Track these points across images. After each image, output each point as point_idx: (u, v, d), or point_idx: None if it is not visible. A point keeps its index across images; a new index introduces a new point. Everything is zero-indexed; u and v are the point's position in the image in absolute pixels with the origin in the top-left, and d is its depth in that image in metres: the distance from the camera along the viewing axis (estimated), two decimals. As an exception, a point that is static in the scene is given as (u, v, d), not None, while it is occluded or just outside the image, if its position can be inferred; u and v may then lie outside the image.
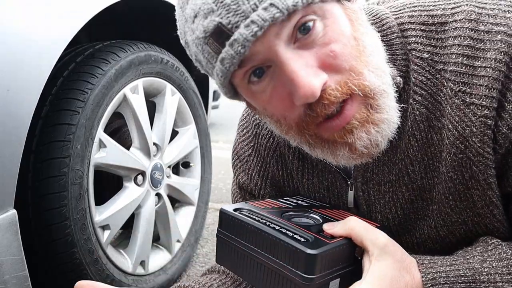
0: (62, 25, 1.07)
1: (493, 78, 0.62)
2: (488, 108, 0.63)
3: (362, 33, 0.63)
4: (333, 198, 0.81)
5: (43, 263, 1.12)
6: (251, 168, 0.89)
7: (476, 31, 0.64)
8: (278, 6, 0.54)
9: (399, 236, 0.78)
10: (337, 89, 0.60)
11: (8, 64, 0.92)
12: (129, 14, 1.58)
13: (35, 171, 1.08)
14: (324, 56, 0.59)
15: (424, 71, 0.69)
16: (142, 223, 1.40)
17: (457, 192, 0.69)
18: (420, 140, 0.70)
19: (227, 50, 0.58)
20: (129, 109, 1.34)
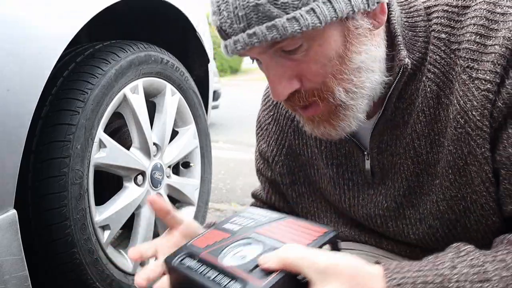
0: (62, 25, 1.07)
1: (499, 55, 0.65)
2: (491, 83, 0.66)
3: (352, 52, 0.67)
4: (350, 165, 0.87)
5: (43, 263, 1.12)
6: (269, 135, 0.96)
7: (493, 13, 0.68)
8: (259, 37, 0.63)
9: (403, 210, 0.81)
10: (304, 96, 0.69)
11: (8, 64, 0.92)
12: (129, 14, 1.58)
13: (35, 171, 1.08)
14: (301, 70, 0.67)
15: (440, 51, 0.72)
16: (142, 223, 1.40)
17: (456, 167, 0.72)
18: (429, 116, 0.74)
19: (224, 47, 0.68)
20: (129, 109, 1.35)
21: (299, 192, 0.96)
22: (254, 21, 0.62)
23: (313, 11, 0.61)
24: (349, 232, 0.93)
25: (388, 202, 0.82)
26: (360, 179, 0.86)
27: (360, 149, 0.83)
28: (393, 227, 0.84)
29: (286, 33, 0.61)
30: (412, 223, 0.81)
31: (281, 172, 0.96)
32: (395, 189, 0.81)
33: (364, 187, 0.86)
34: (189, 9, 1.62)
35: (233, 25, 0.64)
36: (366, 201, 0.86)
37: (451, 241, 0.78)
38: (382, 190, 0.84)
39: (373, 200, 0.85)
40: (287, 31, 0.61)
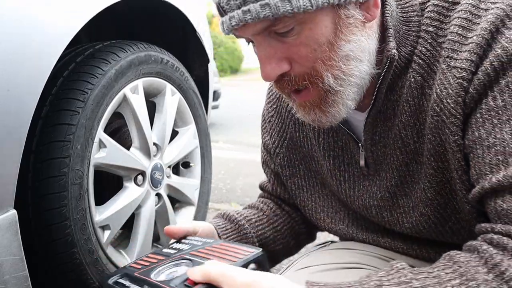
0: (62, 25, 1.07)
1: (476, 44, 0.67)
2: (466, 71, 0.67)
3: (342, 40, 0.70)
4: (347, 157, 0.89)
5: (43, 263, 1.12)
6: (272, 128, 1.00)
7: (477, 8, 0.70)
8: (252, 14, 0.66)
9: (397, 199, 0.83)
10: (294, 80, 0.72)
11: (8, 64, 0.92)
12: (129, 14, 1.58)
13: (35, 171, 1.08)
14: (292, 53, 0.70)
15: (426, 43, 0.74)
16: (142, 223, 1.40)
17: (437, 154, 0.74)
18: (413, 106, 0.76)
19: (220, 24, 0.72)
20: (129, 109, 1.35)
21: (298, 185, 0.99)
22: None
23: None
24: (347, 230, 0.93)
25: (382, 193, 0.85)
26: (356, 171, 0.89)
27: (355, 141, 0.86)
28: (388, 217, 0.86)
29: (278, 12, 0.64)
30: (406, 211, 0.83)
31: (282, 163, 0.99)
32: (387, 180, 0.83)
33: (360, 178, 0.88)
34: (189, 9, 1.62)
35: (230, 2, 0.67)
36: (362, 192, 0.88)
37: (443, 225, 0.80)
38: (376, 181, 0.86)
39: (368, 191, 0.87)
40: (279, 10, 0.64)
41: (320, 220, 0.97)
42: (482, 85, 0.66)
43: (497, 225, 0.63)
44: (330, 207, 0.96)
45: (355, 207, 0.91)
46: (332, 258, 0.89)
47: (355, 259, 0.88)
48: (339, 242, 0.97)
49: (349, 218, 0.94)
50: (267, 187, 1.09)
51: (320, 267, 0.87)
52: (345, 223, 0.94)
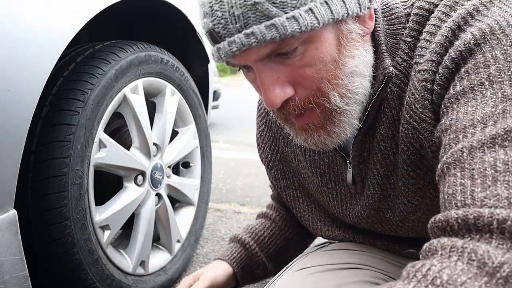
0: (62, 25, 1.07)
1: (436, 43, 0.65)
2: (428, 72, 0.65)
3: (346, 56, 0.67)
4: (333, 175, 0.86)
5: (43, 263, 1.12)
6: (264, 141, 0.99)
7: (447, 15, 0.68)
8: (257, 37, 0.60)
9: (383, 213, 0.82)
10: (299, 104, 0.67)
11: (8, 64, 0.92)
12: (129, 14, 1.58)
13: (35, 171, 1.08)
14: (295, 76, 0.66)
15: (403, 54, 0.72)
16: (142, 223, 1.40)
17: (413, 163, 0.72)
18: (391, 117, 0.74)
19: (215, 51, 0.65)
20: (129, 109, 1.35)
21: (294, 196, 0.98)
22: (252, 21, 0.60)
23: (311, 11, 0.61)
24: (344, 236, 0.93)
25: (367, 211, 0.83)
26: (342, 189, 0.86)
27: (343, 158, 0.82)
28: (380, 228, 0.86)
29: (286, 32, 0.60)
30: (395, 223, 0.81)
31: (276, 176, 0.98)
32: (369, 197, 0.81)
33: (346, 197, 0.86)
34: (189, 9, 1.62)
35: (228, 26, 0.61)
36: (349, 210, 0.87)
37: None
38: (360, 199, 0.83)
39: (354, 210, 0.86)
40: (287, 30, 0.60)
41: (317, 229, 0.97)
42: (444, 79, 0.64)
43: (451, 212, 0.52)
44: (327, 216, 0.95)
45: (347, 221, 0.90)
46: (331, 259, 0.89)
47: (353, 259, 0.88)
48: (338, 243, 0.97)
49: (345, 224, 0.94)
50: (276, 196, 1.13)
51: (319, 268, 0.87)
52: (342, 229, 0.94)
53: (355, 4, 0.65)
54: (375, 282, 0.83)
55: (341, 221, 0.94)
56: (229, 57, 0.64)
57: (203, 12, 0.65)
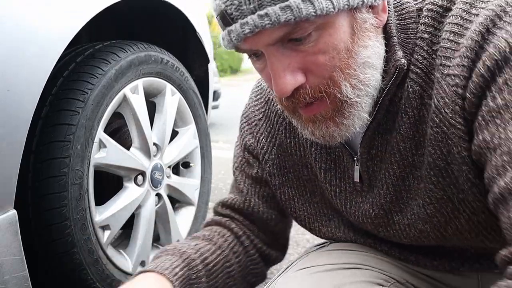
0: (62, 25, 1.07)
1: (466, 47, 0.63)
2: (459, 77, 0.64)
3: (359, 46, 0.65)
4: (339, 171, 0.83)
5: (43, 263, 1.12)
6: (259, 132, 0.92)
7: (468, 12, 0.66)
8: (271, 18, 0.59)
9: (392, 215, 0.79)
10: (309, 92, 0.65)
11: (8, 64, 0.92)
12: (129, 14, 1.58)
13: (35, 171, 1.08)
14: (308, 63, 0.64)
15: (422, 51, 0.70)
16: (142, 223, 1.40)
17: (437, 168, 0.70)
18: (412, 117, 0.72)
19: (226, 35, 0.64)
20: (129, 109, 1.35)
21: (289, 195, 0.92)
22: (267, 2, 0.59)
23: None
24: (344, 238, 0.92)
25: (376, 211, 0.80)
26: (348, 186, 0.83)
27: (350, 154, 0.80)
28: (384, 232, 0.83)
29: (301, 14, 0.58)
30: (402, 228, 0.79)
31: (271, 172, 0.91)
32: (381, 197, 0.79)
33: (352, 194, 0.84)
34: (189, 9, 1.62)
35: (241, 7, 0.60)
36: (354, 209, 0.84)
37: (444, 242, 0.77)
38: (369, 198, 0.81)
39: (360, 208, 0.83)
40: (302, 12, 0.58)
41: (315, 230, 0.93)
42: (479, 87, 0.62)
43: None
44: (323, 215, 0.91)
45: (351, 220, 0.88)
46: (331, 259, 0.89)
47: (354, 259, 0.88)
48: (338, 243, 0.96)
49: (344, 225, 0.91)
50: (234, 202, 0.95)
51: (320, 268, 0.87)
52: (341, 230, 0.91)
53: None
54: (375, 282, 0.83)
55: (339, 221, 0.91)
56: (240, 40, 0.62)
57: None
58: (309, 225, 0.93)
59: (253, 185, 0.95)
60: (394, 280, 0.86)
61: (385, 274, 0.86)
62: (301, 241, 2.04)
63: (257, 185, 0.94)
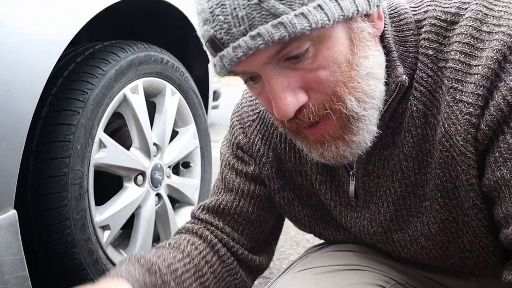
0: (62, 25, 1.07)
1: (482, 76, 0.61)
2: (473, 106, 0.61)
3: (360, 57, 0.63)
4: (334, 184, 0.81)
5: (43, 263, 1.12)
6: (253, 133, 0.88)
7: (479, 30, 0.63)
8: (264, 38, 0.56)
9: (391, 234, 0.78)
10: (314, 111, 0.62)
11: (8, 64, 0.92)
12: (129, 14, 1.58)
13: (35, 171, 1.08)
14: (308, 80, 0.61)
15: (427, 68, 0.68)
16: (142, 224, 1.40)
17: (445, 190, 0.69)
18: (416, 136, 0.70)
19: (218, 61, 0.61)
20: (129, 109, 1.34)
21: (288, 199, 0.89)
22: (257, 21, 0.56)
23: (320, 7, 0.57)
24: (343, 239, 0.91)
25: (375, 228, 0.79)
26: (342, 201, 0.81)
27: (346, 168, 0.78)
28: (382, 248, 0.82)
29: (295, 30, 0.55)
30: (402, 245, 0.78)
31: (269, 175, 0.88)
32: (380, 214, 0.77)
33: (347, 209, 0.82)
34: (189, 9, 1.62)
35: (231, 30, 0.57)
36: (351, 223, 0.82)
37: (444, 260, 0.76)
38: (366, 214, 0.79)
39: (357, 224, 0.81)
40: (296, 28, 0.55)
41: (317, 233, 0.91)
42: (496, 121, 0.60)
43: None
44: (322, 217, 0.89)
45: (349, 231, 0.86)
46: (332, 260, 0.88)
47: (354, 260, 0.88)
48: (339, 244, 0.95)
49: (344, 228, 0.88)
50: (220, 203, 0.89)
51: (321, 269, 0.87)
52: (342, 233, 0.89)
53: (364, 1, 0.62)
54: (376, 283, 0.83)
55: (337, 224, 0.90)
56: (233, 65, 0.59)
57: (202, 19, 0.60)
58: (309, 228, 0.91)
59: (246, 183, 0.89)
60: (394, 282, 0.86)
61: (385, 276, 0.86)
62: (301, 241, 2.04)
63: (250, 183, 0.89)
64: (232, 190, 0.89)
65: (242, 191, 0.89)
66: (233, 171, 0.90)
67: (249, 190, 0.89)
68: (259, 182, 0.89)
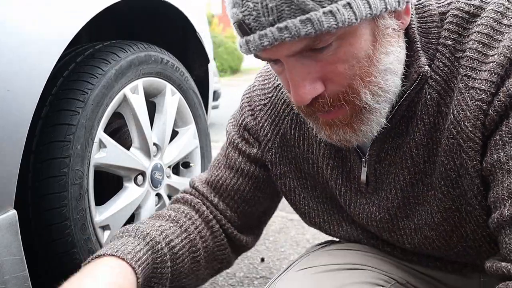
0: (62, 25, 1.07)
1: (497, 63, 0.62)
2: (485, 92, 0.62)
3: (381, 53, 0.64)
4: (346, 170, 0.82)
5: (43, 263, 1.12)
6: (263, 117, 0.89)
7: (499, 23, 0.64)
8: (291, 32, 0.57)
9: (397, 221, 0.79)
10: (328, 102, 0.65)
11: (8, 64, 0.92)
12: (129, 14, 1.58)
13: (35, 171, 1.08)
14: (327, 72, 0.63)
15: (444, 58, 0.69)
16: (142, 223, 1.40)
17: (448, 178, 0.69)
18: (428, 124, 0.71)
19: (244, 44, 0.62)
20: (129, 109, 1.34)
21: (290, 186, 0.90)
22: (286, 14, 0.57)
23: (349, 5, 0.57)
24: (344, 234, 0.92)
25: (382, 214, 0.80)
26: (353, 187, 0.82)
27: (358, 155, 0.79)
28: (387, 236, 0.82)
29: (322, 28, 0.57)
30: (407, 233, 0.79)
31: (273, 160, 0.89)
32: (388, 201, 0.78)
33: (356, 195, 0.83)
34: (189, 9, 1.62)
35: (260, 18, 0.58)
36: (358, 210, 0.83)
37: (448, 250, 0.77)
38: (375, 200, 0.80)
39: (365, 210, 0.82)
40: (323, 26, 0.56)
41: (316, 225, 0.92)
42: (503, 107, 0.61)
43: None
44: (324, 210, 0.90)
45: (355, 219, 0.87)
46: (333, 259, 0.88)
47: (355, 259, 0.88)
48: (340, 243, 0.96)
49: (346, 223, 0.90)
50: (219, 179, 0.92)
51: (321, 268, 0.87)
52: (344, 228, 0.90)
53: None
54: (376, 283, 0.83)
55: (342, 219, 0.91)
56: (259, 51, 0.61)
57: (232, 2, 0.61)
58: (309, 218, 0.92)
59: (247, 163, 0.91)
60: (395, 281, 0.86)
61: (386, 275, 0.86)
62: (301, 241, 2.04)
63: (251, 164, 0.91)
64: (233, 168, 0.92)
65: (242, 170, 0.92)
66: (236, 150, 0.93)
67: (248, 170, 0.91)
68: (260, 164, 0.92)
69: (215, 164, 0.97)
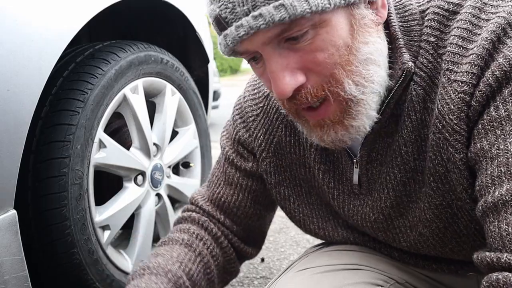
0: (62, 25, 1.07)
1: (476, 55, 0.63)
2: (467, 84, 0.63)
3: (359, 42, 0.65)
4: (338, 173, 0.82)
5: (43, 263, 1.12)
6: (257, 128, 0.90)
7: (478, 17, 0.66)
8: (266, 18, 0.58)
9: (392, 221, 0.79)
10: (312, 92, 0.64)
11: (8, 64, 0.92)
12: (129, 14, 1.58)
13: (35, 171, 1.08)
14: (306, 61, 0.63)
15: (428, 54, 0.70)
16: (142, 224, 1.40)
17: (437, 174, 0.70)
18: (415, 121, 0.71)
19: (222, 40, 0.63)
20: (129, 109, 1.35)
21: (284, 195, 0.91)
22: (260, 2, 0.58)
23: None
24: (339, 239, 0.91)
25: (376, 215, 0.80)
26: (346, 189, 0.82)
27: (349, 156, 0.79)
28: (383, 236, 0.82)
29: (295, 12, 0.58)
30: (403, 231, 0.79)
31: (268, 170, 0.90)
32: (381, 201, 0.78)
33: (350, 197, 0.83)
34: (189, 9, 1.62)
35: (235, 9, 0.60)
36: (352, 212, 0.83)
37: (442, 247, 0.77)
38: (368, 201, 0.80)
39: (359, 212, 0.82)
40: (296, 10, 0.58)
41: (311, 231, 0.92)
42: (485, 96, 0.62)
43: (503, 254, 0.55)
44: (319, 216, 0.90)
45: (350, 222, 0.87)
46: (332, 259, 0.88)
47: (354, 260, 0.88)
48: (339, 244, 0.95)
49: (341, 227, 0.90)
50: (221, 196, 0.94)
51: (320, 269, 0.87)
52: (339, 233, 0.90)
53: None
54: (375, 283, 0.83)
55: (337, 224, 0.90)
56: (236, 43, 0.62)
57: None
58: (304, 226, 0.92)
59: (244, 179, 0.93)
60: (394, 281, 0.86)
61: (385, 275, 0.86)
62: (301, 241, 2.04)
63: (249, 179, 0.93)
64: (232, 184, 0.94)
65: (241, 185, 0.93)
66: (233, 166, 0.94)
67: (247, 185, 0.93)
68: (256, 177, 0.93)
69: (214, 180, 0.97)
